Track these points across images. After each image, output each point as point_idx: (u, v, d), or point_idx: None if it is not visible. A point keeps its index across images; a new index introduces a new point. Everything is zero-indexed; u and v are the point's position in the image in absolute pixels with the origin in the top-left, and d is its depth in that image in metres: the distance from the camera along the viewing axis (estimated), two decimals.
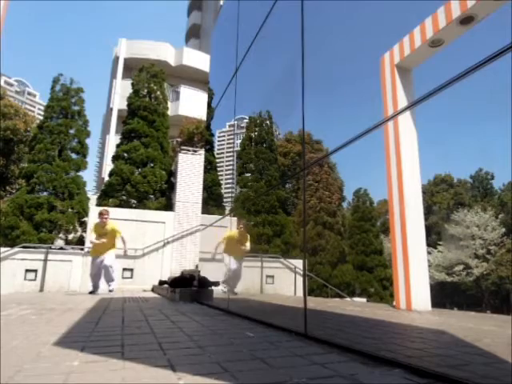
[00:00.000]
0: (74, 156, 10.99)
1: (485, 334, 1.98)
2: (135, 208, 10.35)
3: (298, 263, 5.04)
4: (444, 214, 3.37)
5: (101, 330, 2.19)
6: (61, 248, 9.09)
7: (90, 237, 6.11)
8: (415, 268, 2.57)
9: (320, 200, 4.19)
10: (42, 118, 12.49)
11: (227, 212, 5.58)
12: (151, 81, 12.45)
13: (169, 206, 10.71)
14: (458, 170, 2.80)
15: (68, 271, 8.11)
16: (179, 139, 13.98)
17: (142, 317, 2.89)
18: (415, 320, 2.43)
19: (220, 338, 2.03)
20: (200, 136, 12.96)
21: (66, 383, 1.10)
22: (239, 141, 5.31)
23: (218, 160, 8.47)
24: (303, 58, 2.69)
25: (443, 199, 3.38)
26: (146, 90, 12.24)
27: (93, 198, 12.59)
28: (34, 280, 7.63)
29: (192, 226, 9.79)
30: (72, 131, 11.02)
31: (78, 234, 10.58)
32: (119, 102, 19.03)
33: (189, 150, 11.04)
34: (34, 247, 8.10)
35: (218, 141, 7.82)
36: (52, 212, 9.78)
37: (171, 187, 11.20)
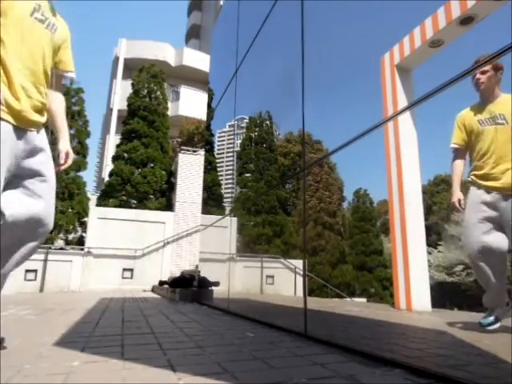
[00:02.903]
0: (74, 156, 10.98)
1: (485, 334, 1.98)
2: (135, 208, 10.35)
3: (298, 263, 5.03)
4: (444, 214, 3.37)
5: (101, 330, 2.19)
6: (61, 248, 9.09)
7: None
8: (415, 268, 2.56)
9: (320, 200, 4.20)
10: None
11: (227, 212, 5.58)
12: (151, 81, 12.46)
13: (169, 206, 10.71)
14: None
15: (68, 271, 8.11)
16: (179, 139, 13.98)
17: (141, 317, 2.89)
18: (415, 320, 2.43)
19: (220, 338, 2.03)
20: (200, 136, 12.96)
21: (66, 383, 1.10)
22: (239, 141, 5.32)
23: (218, 160, 8.48)
24: (303, 58, 2.69)
25: (443, 199, 3.38)
26: (145, 91, 12.24)
27: (93, 198, 12.60)
28: (34, 280, 7.63)
29: (192, 226, 9.79)
30: (72, 131, 11.03)
31: (78, 234, 10.58)
32: (119, 102, 19.04)
33: (188, 150, 11.04)
34: None
35: (218, 141, 7.83)
36: None
37: (171, 187, 11.20)
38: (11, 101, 1.34)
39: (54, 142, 1.70)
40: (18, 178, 1.42)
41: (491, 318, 1.79)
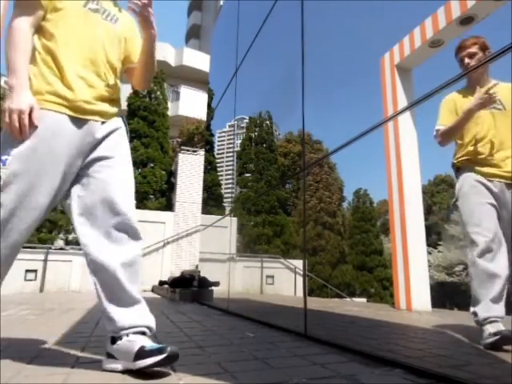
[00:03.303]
0: None
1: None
2: (135, 208, 10.34)
3: (298, 263, 5.03)
4: (444, 214, 3.37)
5: (101, 330, 2.18)
6: (61, 248, 9.09)
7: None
8: (415, 268, 2.57)
9: (320, 200, 4.20)
10: None
11: (227, 212, 5.58)
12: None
13: (169, 206, 10.71)
14: None
15: (68, 271, 8.10)
16: (179, 139, 13.98)
17: None
18: (415, 320, 2.44)
19: (220, 338, 2.03)
20: (200, 136, 12.96)
21: (66, 383, 1.10)
22: (239, 141, 5.32)
23: (217, 160, 8.48)
24: (303, 58, 2.69)
25: (443, 199, 3.38)
26: (145, 90, 12.24)
27: None
28: (34, 280, 7.63)
29: (192, 226, 9.79)
30: None
31: None
32: None
33: (188, 150, 11.04)
34: (34, 247, 8.10)
35: (218, 141, 7.84)
36: (52, 212, 9.79)
37: (171, 187, 11.20)
38: (63, 91, 1.27)
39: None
40: (84, 170, 1.33)
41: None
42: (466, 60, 1.75)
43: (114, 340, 1.27)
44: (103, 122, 1.38)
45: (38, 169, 1.20)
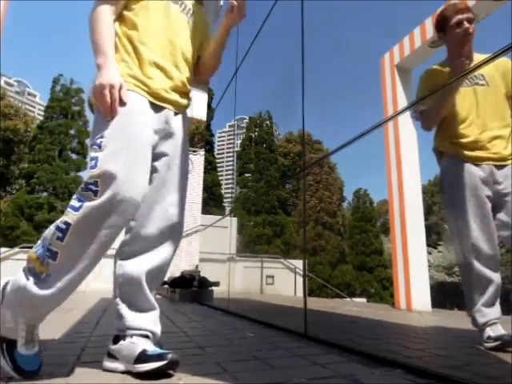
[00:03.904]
0: (74, 156, 11.01)
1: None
2: None
3: (298, 263, 5.04)
4: (444, 214, 3.37)
5: (101, 330, 2.18)
6: None
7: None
8: (415, 268, 2.57)
9: (320, 200, 4.20)
10: (42, 118, 12.51)
11: (227, 212, 5.58)
12: None
13: None
14: None
15: None
16: None
17: None
18: (415, 320, 2.44)
19: (220, 338, 2.03)
20: (200, 136, 12.96)
21: (67, 383, 1.10)
22: (239, 141, 5.32)
23: (218, 160, 8.48)
24: (303, 58, 2.69)
25: None
26: None
27: None
28: None
29: (191, 227, 9.78)
30: (72, 131, 11.03)
31: None
32: None
33: (188, 150, 11.04)
34: None
35: (218, 141, 7.85)
36: (52, 212, 9.78)
37: None
38: (143, 78, 1.28)
39: None
40: (152, 163, 1.30)
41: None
42: (466, 24, 1.58)
43: (116, 339, 1.27)
44: (176, 114, 1.39)
45: (131, 147, 1.18)
